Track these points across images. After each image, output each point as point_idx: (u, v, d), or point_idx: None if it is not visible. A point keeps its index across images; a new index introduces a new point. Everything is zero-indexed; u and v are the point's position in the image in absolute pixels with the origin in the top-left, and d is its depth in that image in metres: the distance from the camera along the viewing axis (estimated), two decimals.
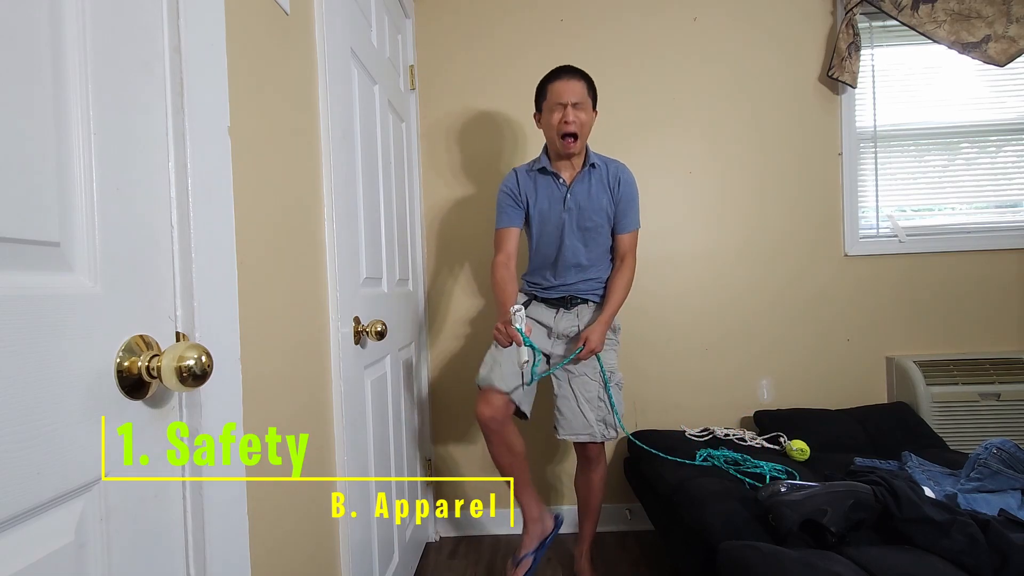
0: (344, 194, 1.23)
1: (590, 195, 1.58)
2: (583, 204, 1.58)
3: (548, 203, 1.60)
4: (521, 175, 1.64)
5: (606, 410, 1.61)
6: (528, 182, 1.62)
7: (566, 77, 1.52)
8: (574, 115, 1.50)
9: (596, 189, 1.59)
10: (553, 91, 1.52)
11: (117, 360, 0.55)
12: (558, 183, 1.59)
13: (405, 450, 1.75)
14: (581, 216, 1.58)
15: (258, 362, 0.84)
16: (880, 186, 2.15)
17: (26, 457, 0.45)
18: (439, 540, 2.10)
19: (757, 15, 2.11)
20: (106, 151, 0.55)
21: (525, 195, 1.62)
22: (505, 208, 1.62)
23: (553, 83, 1.53)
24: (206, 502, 0.65)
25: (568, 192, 1.58)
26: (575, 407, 1.60)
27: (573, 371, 1.61)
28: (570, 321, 1.63)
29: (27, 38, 0.47)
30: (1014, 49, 2.02)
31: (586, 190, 1.58)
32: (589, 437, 1.60)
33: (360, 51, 1.40)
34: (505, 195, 1.63)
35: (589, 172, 1.59)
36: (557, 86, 1.52)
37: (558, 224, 1.59)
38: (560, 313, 1.64)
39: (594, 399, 1.60)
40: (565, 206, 1.58)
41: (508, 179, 1.65)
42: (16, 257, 0.46)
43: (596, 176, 1.59)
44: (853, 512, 1.20)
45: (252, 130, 0.86)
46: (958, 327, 2.13)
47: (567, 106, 1.50)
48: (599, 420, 1.60)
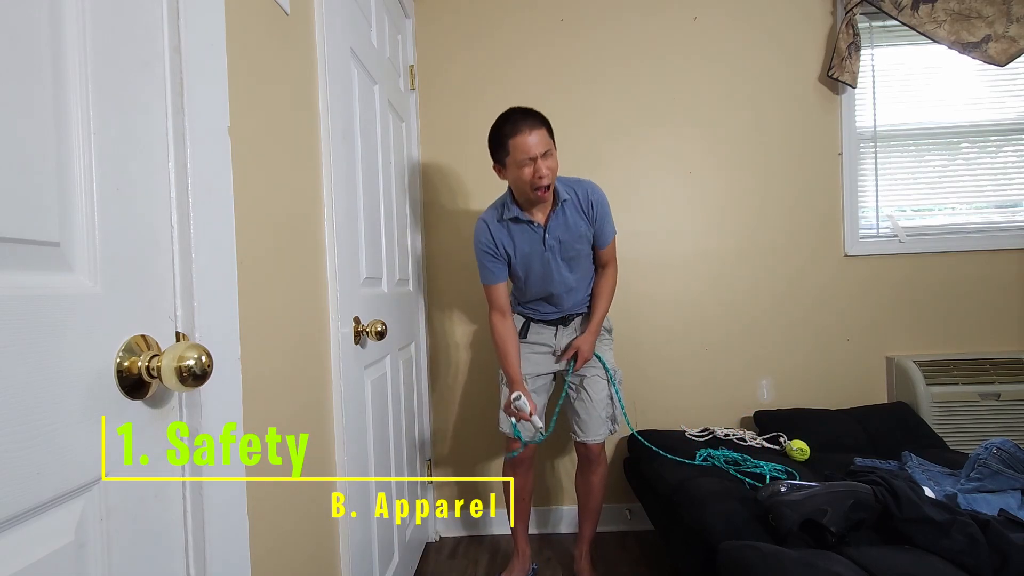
0: (344, 194, 1.23)
1: (568, 227, 1.56)
2: (563, 238, 1.56)
3: (529, 247, 1.57)
4: (493, 227, 1.57)
5: (613, 407, 1.67)
6: (502, 232, 1.57)
7: (527, 129, 1.41)
8: (546, 167, 1.43)
9: (572, 219, 1.56)
10: (518, 147, 1.43)
11: (117, 360, 0.55)
12: (533, 228, 1.55)
13: (405, 450, 1.75)
14: (563, 249, 1.58)
15: (258, 362, 0.84)
16: (880, 186, 2.15)
17: (26, 457, 0.45)
18: (439, 540, 2.10)
19: (757, 15, 2.11)
20: (106, 151, 0.55)
21: (503, 246, 1.58)
22: (487, 265, 1.59)
23: (516, 138, 1.42)
24: (206, 502, 0.65)
25: (546, 232, 1.55)
26: (591, 409, 1.65)
27: (584, 374, 1.67)
28: (570, 335, 1.69)
29: (27, 38, 0.47)
30: (1014, 49, 2.02)
31: (562, 224, 1.55)
32: (602, 437, 1.66)
33: (360, 51, 1.40)
34: (483, 252, 1.58)
35: (562, 207, 1.54)
36: (521, 141, 1.42)
37: (543, 263, 1.58)
38: (559, 330, 1.69)
39: (604, 398, 1.66)
40: (546, 246, 1.56)
41: (480, 234, 1.59)
42: (16, 257, 0.46)
43: (569, 207, 1.55)
44: (853, 512, 1.20)
45: (252, 130, 0.86)
46: (958, 327, 2.13)
47: (536, 159, 1.42)
48: (608, 417, 1.66)
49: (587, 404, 1.65)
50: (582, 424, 1.66)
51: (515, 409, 1.49)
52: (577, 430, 1.68)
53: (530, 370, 1.67)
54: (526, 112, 1.46)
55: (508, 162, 1.47)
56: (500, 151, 1.48)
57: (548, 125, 1.48)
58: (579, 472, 1.76)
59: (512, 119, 1.45)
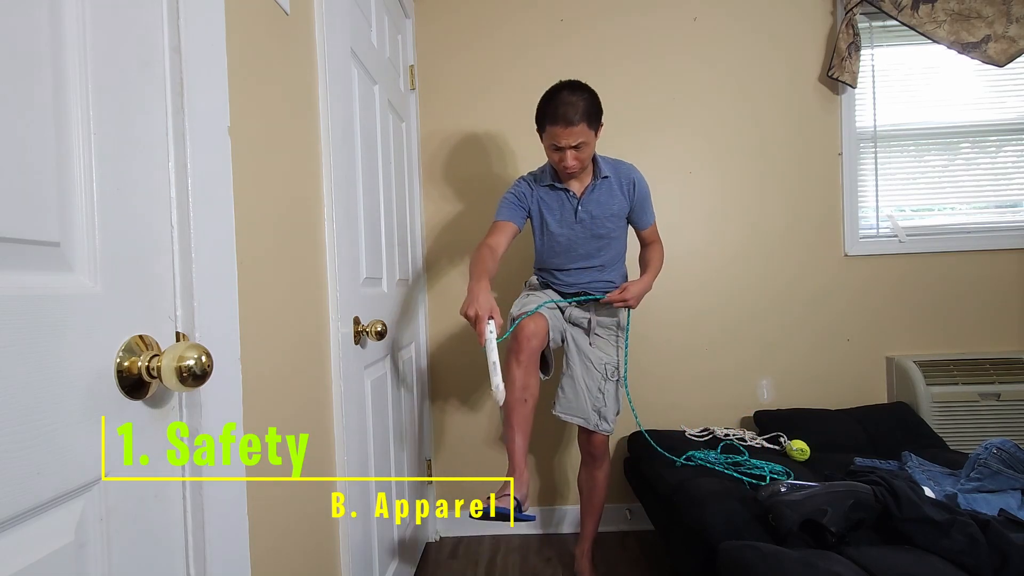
0: (344, 194, 1.23)
1: (601, 203, 1.58)
2: (595, 213, 1.58)
3: (560, 214, 1.59)
4: (532, 184, 1.61)
5: (603, 402, 1.62)
6: (538, 193, 1.60)
7: (563, 123, 1.41)
8: (573, 157, 1.46)
9: (608, 197, 1.58)
10: (550, 134, 1.46)
11: (117, 360, 0.55)
12: (568, 196, 1.58)
13: (405, 450, 1.75)
14: (594, 225, 1.58)
15: (258, 362, 0.84)
16: (880, 186, 2.15)
17: (26, 457, 0.45)
18: (439, 540, 2.10)
19: (757, 15, 2.11)
20: (106, 151, 0.55)
21: (536, 202, 1.60)
22: (509, 204, 1.58)
23: (551, 127, 1.44)
24: (206, 502, 0.65)
25: (579, 204, 1.57)
26: (577, 389, 1.63)
27: (587, 353, 1.63)
28: (582, 313, 1.65)
29: (27, 38, 0.47)
30: (1014, 49, 2.02)
31: (597, 199, 1.58)
32: (582, 422, 1.62)
33: (360, 51, 1.40)
34: (512, 195, 1.59)
35: (601, 182, 1.57)
36: (554, 131, 1.44)
37: (570, 233, 1.59)
38: (572, 305, 1.66)
39: (594, 388, 1.63)
40: (577, 217, 1.58)
41: (518, 184, 1.62)
42: (16, 257, 0.46)
43: (607, 185, 1.58)
44: (853, 512, 1.20)
45: (252, 130, 0.86)
46: (958, 327, 2.13)
47: (566, 149, 1.45)
48: (594, 409, 1.62)
49: (575, 383, 1.62)
50: (563, 399, 1.63)
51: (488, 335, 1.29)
52: (556, 402, 1.64)
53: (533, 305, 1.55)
54: (573, 95, 1.43)
55: (544, 137, 1.51)
56: (540, 124, 1.51)
57: (592, 113, 1.45)
58: (583, 469, 1.75)
59: (555, 102, 1.43)
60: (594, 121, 1.48)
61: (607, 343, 1.66)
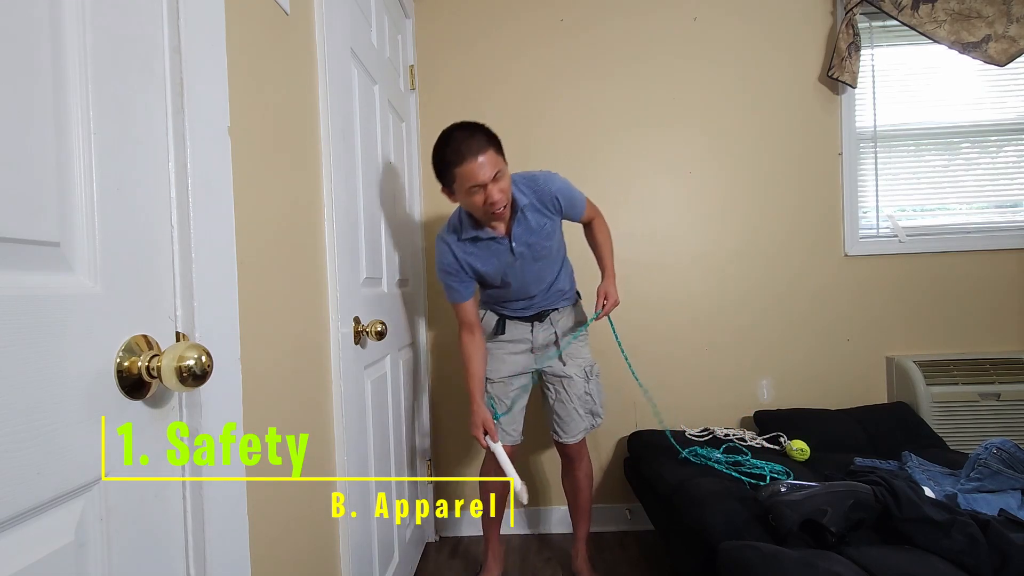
0: (344, 194, 1.23)
1: (532, 231, 1.49)
2: (531, 241, 1.49)
3: (498, 260, 1.50)
4: (455, 247, 1.49)
5: (592, 401, 1.67)
6: (465, 251, 1.50)
7: (471, 156, 1.29)
8: (498, 191, 1.32)
9: (536, 222, 1.49)
10: (464, 176, 1.31)
11: (117, 360, 0.55)
12: (498, 241, 1.48)
13: (405, 450, 1.75)
14: (534, 253, 1.52)
15: (258, 362, 0.84)
16: (880, 186, 2.15)
17: (26, 457, 0.45)
18: (439, 540, 2.10)
19: (757, 15, 2.11)
20: (106, 151, 0.55)
21: (468, 266, 1.51)
22: (452, 286, 1.53)
23: (461, 167, 1.31)
24: (206, 502, 0.65)
25: (512, 242, 1.47)
26: (571, 409, 1.64)
27: (565, 373, 1.64)
28: (546, 331, 1.66)
29: (27, 38, 0.47)
30: (1014, 49, 2.02)
31: (526, 229, 1.48)
32: (585, 432, 1.68)
33: (360, 51, 1.40)
34: (447, 275, 1.52)
35: (523, 213, 1.46)
36: (467, 170, 1.30)
37: (516, 272, 1.53)
38: (535, 326, 1.65)
39: (582, 395, 1.65)
40: (515, 255, 1.49)
41: (443, 256, 1.51)
42: (16, 257, 0.46)
43: (530, 211, 1.48)
44: (853, 512, 1.20)
45: (252, 130, 0.86)
46: (958, 327, 2.13)
47: (486, 185, 1.31)
48: (588, 413, 1.67)
49: (567, 405, 1.64)
50: (562, 424, 1.66)
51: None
52: (558, 430, 1.67)
53: (507, 372, 1.65)
54: (470, 132, 1.33)
55: (456, 188, 1.36)
56: (446, 176, 1.36)
57: (495, 143, 1.36)
58: (564, 473, 1.77)
59: (453, 144, 1.32)
60: (498, 149, 1.37)
61: (578, 347, 1.66)
